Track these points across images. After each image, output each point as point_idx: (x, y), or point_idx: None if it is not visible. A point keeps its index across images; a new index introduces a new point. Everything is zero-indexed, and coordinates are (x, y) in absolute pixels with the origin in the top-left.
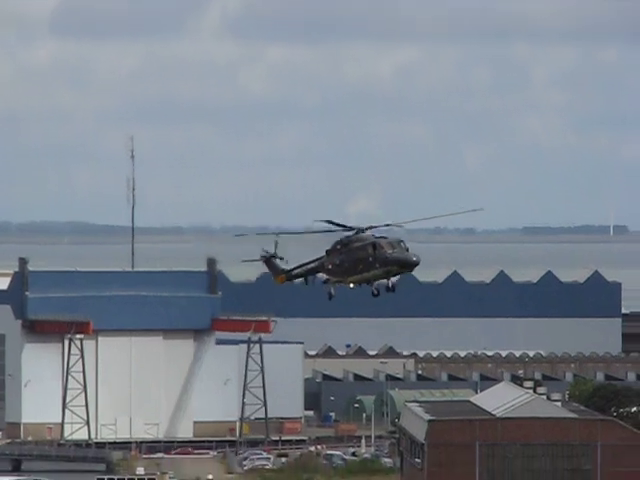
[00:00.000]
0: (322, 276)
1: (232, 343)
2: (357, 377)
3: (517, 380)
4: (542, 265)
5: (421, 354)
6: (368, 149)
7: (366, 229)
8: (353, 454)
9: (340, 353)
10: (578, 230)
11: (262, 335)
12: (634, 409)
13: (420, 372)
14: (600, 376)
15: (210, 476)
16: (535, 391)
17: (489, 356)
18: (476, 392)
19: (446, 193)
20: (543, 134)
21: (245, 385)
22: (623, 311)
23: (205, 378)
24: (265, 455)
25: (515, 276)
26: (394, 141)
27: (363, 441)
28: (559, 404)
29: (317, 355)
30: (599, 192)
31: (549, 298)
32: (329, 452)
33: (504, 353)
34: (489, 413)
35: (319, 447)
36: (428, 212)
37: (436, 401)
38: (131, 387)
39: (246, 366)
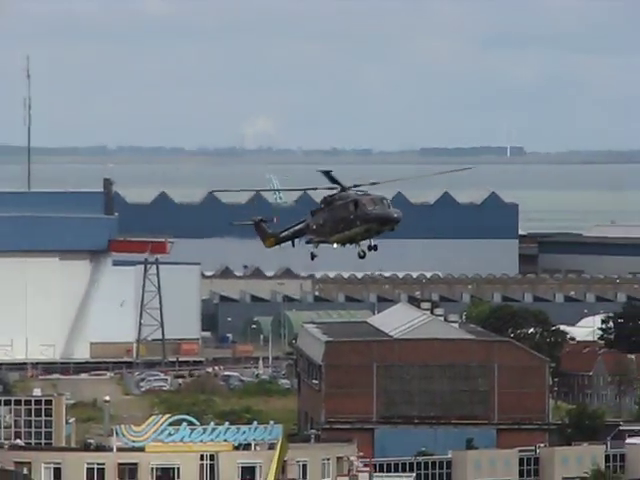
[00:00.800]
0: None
1: (129, 264)
2: (254, 298)
3: (414, 301)
4: (439, 186)
5: (318, 275)
6: (266, 70)
7: (350, 187)
8: (257, 376)
9: (237, 274)
10: (475, 151)
11: (159, 256)
12: (530, 330)
13: (317, 293)
14: (497, 297)
15: (107, 397)
16: (432, 312)
17: (386, 277)
18: (373, 313)
19: (343, 114)
20: (440, 55)
21: (142, 306)
22: (520, 232)
23: (102, 299)
24: (162, 376)
25: (412, 197)
26: (292, 62)
27: (260, 362)
28: (456, 325)
29: (214, 276)
30: (496, 114)
31: (446, 219)
32: (226, 373)
33: (401, 274)
34: (386, 334)
35: (216, 368)
36: (324, 132)
37: (333, 322)
38: (27, 308)
39: (143, 287)
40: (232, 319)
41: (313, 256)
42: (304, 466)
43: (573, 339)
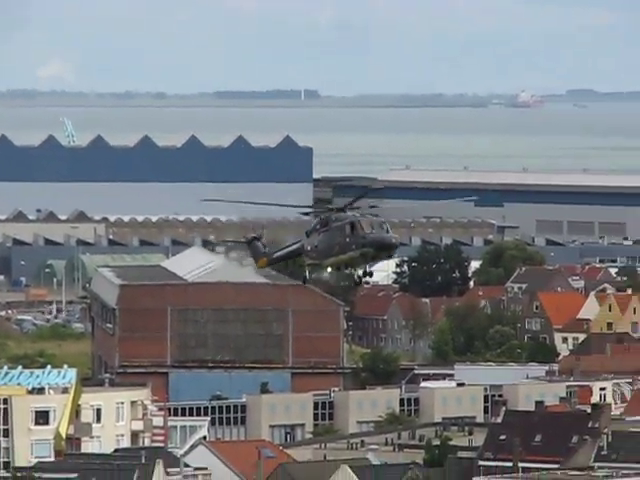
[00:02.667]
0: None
1: None
2: (48, 242)
3: (208, 245)
4: (233, 130)
5: (112, 219)
6: (59, 13)
7: (345, 207)
8: (49, 320)
9: (30, 217)
10: (269, 95)
11: None
12: (325, 274)
13: (111, 237)
14: (291, 241)
15: None
16: (226, 256)
17: (180, 221)
18: (167, 257)
19: (137, 57)
20: None
21: None
22: (314, 176)
23: None
24: None
25: (206, 140)
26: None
27: (54, 306)
28: (251, 269)
29: (7, 220)
30: (290, 57)
31: (240, 163)
32: (20, 317)
33: (195, 218)
34: (180, 278)
35: (9, 312)
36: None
37: (127, 266)
38: None
39: None
40: (25, 263)
41: (305, 280)
42: (98, 410)
43: (367, 283)
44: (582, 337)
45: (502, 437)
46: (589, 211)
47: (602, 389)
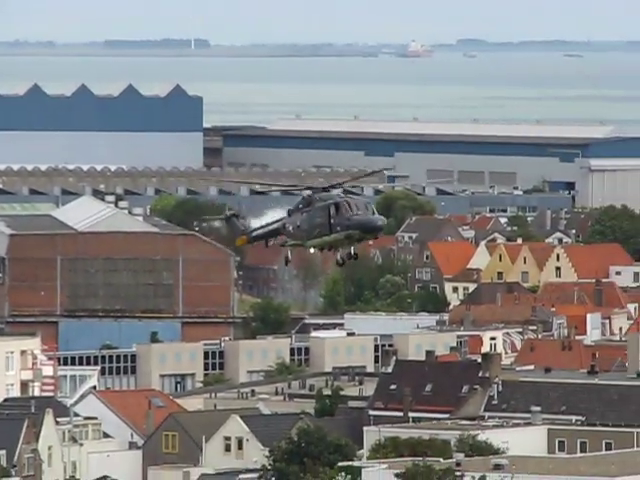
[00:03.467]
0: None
1: None
2: None
3: (99, 194)
4: (123, 79)
5: (1, 167)
6: None
7: (329, 187)
8: None
9: None
10: (159, 44)
11: None
12: (216, 224)
13: (0, 186)
14: (182, 190)
15: None
16: (117, 205)
17: (70, 170)
18: (57, 206)
19: (26, 5)
20: None
21: None
22: (204, 125)
23: None
24: None
25: (96, 89)
26: None
27: None
28: (140, 219)
29: None
30: (179, 6)
31: (130, 112)
32: None
33: (85, 167)
34: (70, 227)
35: None
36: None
37: (17, 215)
38: None
39: None
40: None
41: (287, 261)
42: None
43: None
44: (472, 287)
45: (392, 387)
46: (479, 161)
47: (492, 339)
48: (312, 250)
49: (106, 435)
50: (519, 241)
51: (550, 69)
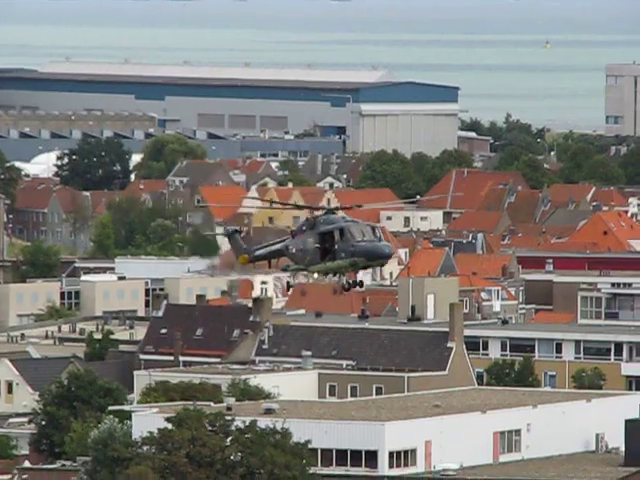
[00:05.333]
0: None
1: None
2: None
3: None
4: None
5: None
6: None
7: (335, 209)
8: None
9: None
10: None
11: None
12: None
13: None
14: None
15: None
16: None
17: None
18: None
19: None
20: None
21: None
22: None
23: None
24: None
25: None
26: None
27: None
28: None
29: None
30: None
31: None
32: None
33: None
34: None
35: None
36: None
37: None
38: None
39: None
40: None
41: (289, 286)
42: None
43: (28, 176)
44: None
45: (163, 331)
46: (250, 105)
47: (263, 283)
48: (316, 276)
49: None
50: (290, 185)
51: (321, 13)
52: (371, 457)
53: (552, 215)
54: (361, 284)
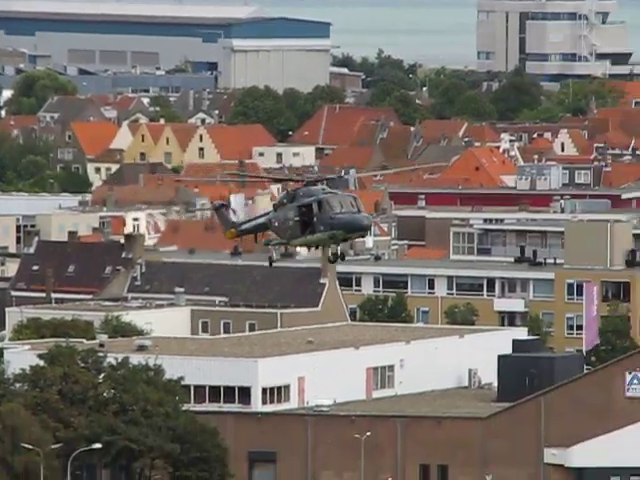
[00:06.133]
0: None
1: None
2: None
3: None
4: None
5: None
6: None
7: (317, 181)
8: None
9: None
10: None
11: None
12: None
13: None
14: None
15: None
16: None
17: None
18: None
19: None
20: None
21: None
22: None
23: None
24: None
25: None
26: None
27: None
28: None
29: None
30: None
31: None
32: None
33: None
34: None
35: None
36: None
37: None
38: None
39: None
40: None
41: (271, 262)
42: None
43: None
44: (115, 167)
45: (35, 268)
46: (121, 40)
47: (135, 219)
48: (297, 249)
49: None
50: (162, 122)
51: None
52: (244, 393)
53: (424, 151)
54: (342, 257)
